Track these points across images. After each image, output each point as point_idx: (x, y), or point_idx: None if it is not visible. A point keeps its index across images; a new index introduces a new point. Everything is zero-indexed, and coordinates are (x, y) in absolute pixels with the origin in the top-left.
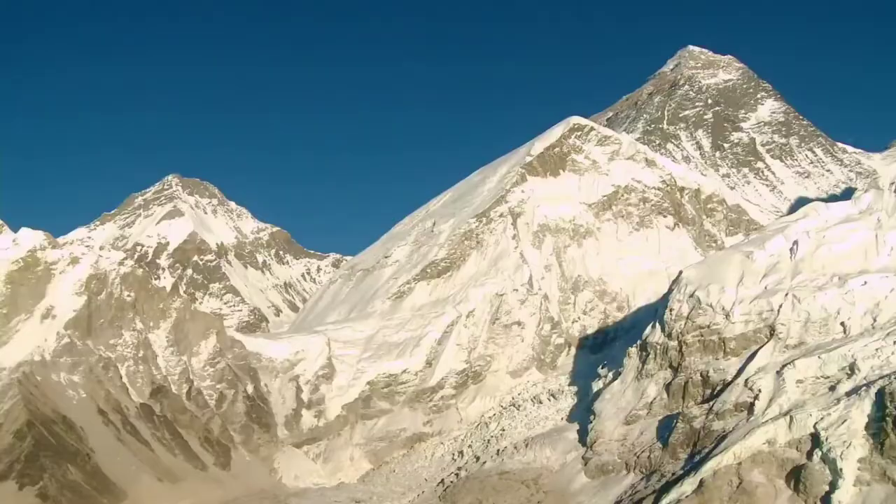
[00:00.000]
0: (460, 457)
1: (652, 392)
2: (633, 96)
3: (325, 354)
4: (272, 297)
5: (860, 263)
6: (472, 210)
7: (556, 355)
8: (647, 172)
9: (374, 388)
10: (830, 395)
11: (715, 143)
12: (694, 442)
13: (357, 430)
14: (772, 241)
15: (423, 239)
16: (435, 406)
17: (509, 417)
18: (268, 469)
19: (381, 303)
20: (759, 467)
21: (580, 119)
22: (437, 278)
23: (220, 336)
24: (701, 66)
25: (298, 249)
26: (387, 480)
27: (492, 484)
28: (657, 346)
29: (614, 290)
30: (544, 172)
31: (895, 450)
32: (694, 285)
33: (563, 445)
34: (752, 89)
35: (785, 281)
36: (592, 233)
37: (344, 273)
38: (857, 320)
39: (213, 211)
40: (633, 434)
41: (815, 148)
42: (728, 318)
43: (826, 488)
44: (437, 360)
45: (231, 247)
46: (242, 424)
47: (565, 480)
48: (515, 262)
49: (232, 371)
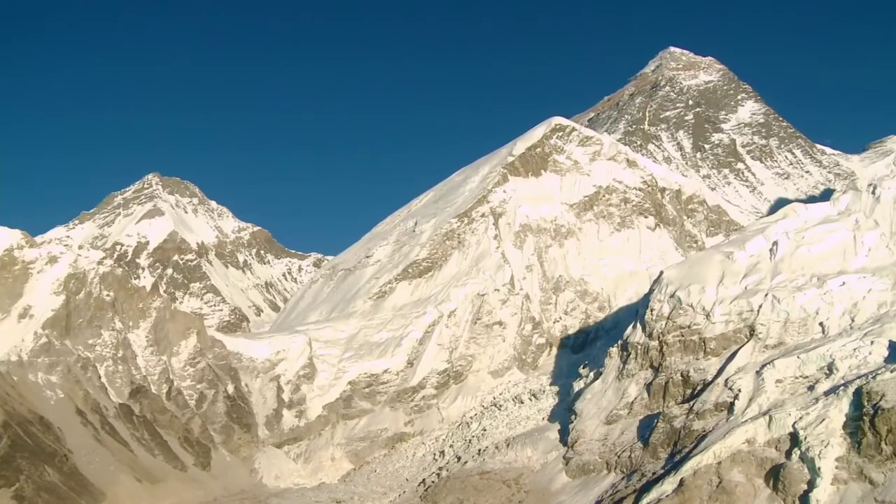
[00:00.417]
0: (441, 457)
1: (633, 392)
2: (615, 97)
3: (307, 354)
4: (253, 297)
5: (839, 264)
6: (453, 210)
7: (537, 355)
8: (629, 173)
9: (355, 387)
10: (809, 394)
11: (696, 143)
12: (674, 441)
13: (338, 429)
14: (752, 241)
15: (405, 239)
16: (416, 406)
17: (490, 417)
18: (248, 469)
19: (362, 302)
20: (738, 466)
21: (562, 119)
22: (418, 278)
23: (200, 336)
24: (682, 68)
25: (279, 249)
26: (368, 480)
27: (473, 484)
28: (638, 346)
29: (595, 290)
30: (526, 172)
31: (872, 448)
32: (674, 285)
33: (545, 445)
34: (732, 91)
35: (765, 281)
36: (574, 233)
37: (325, 273)
38: (836, 320)
39: (193, 210)
40: (613, 434)
41: (795, 149)
42: (708, 318)
43: (804, 487)
44: (418, 360)
45: (212, 246)
46: (223, 424)
47: (546, 480)
48: (497, 262)
49: (212, 371)
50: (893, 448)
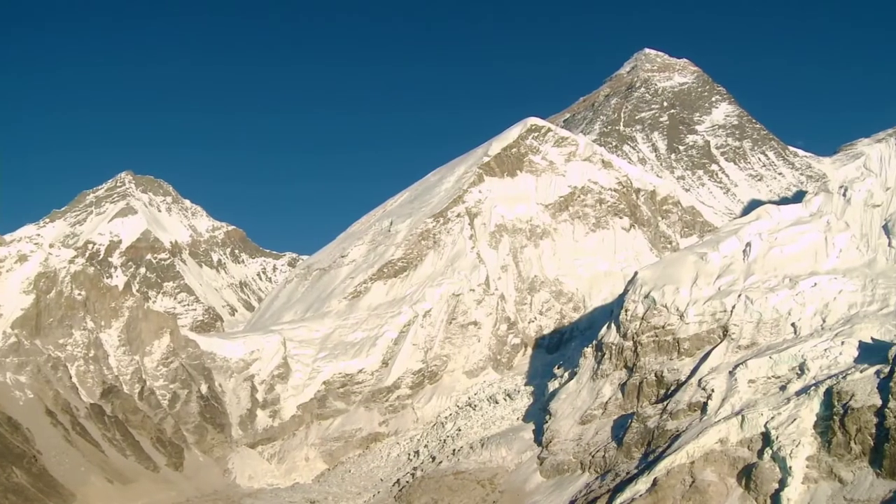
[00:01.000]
0: (416, 457)
1: (607, 392)
2: (590, 98)
3: (281, 354)
4: (227, 297)
5: (810, 265)
6: (429, 210)
7: (512, 355)
8: (604, 174)
9: (329, 387)
10: (781, 394)
11: (670, 145)
12: (648, 441)
13: (312, 430)
14: (725, 242)
15: (380, 238)
16: (391, 406)
17: (465, 417)
18: (221, 469)
19: (337, 302)
20: (711, 466)
21: (537, 120)
22: (393, 278)
23: (173, 335)
24: (657, 69)
25: (254, 248)
26: (342, 480)
27: (447, 484)
28: (612, 347)
29: (570, 290)
30: (501, 173)
31: (842, 448)
32: (649, 286)
33: (519, 445)
34: (706, 93)
35: (738, 282)
36: (549, 233)
37: (300, 272)
38: (807, 321)
39: (167, 209)
40: (588, 433)
41: (768, 151)
42: (682, 318)
43: (776, 486)
44: (393, 360)
45: (185, 245)
46: (196, 425)
47: (521, 480)
48: (472, 263)
49: (186, 371)
50: (862, 447)
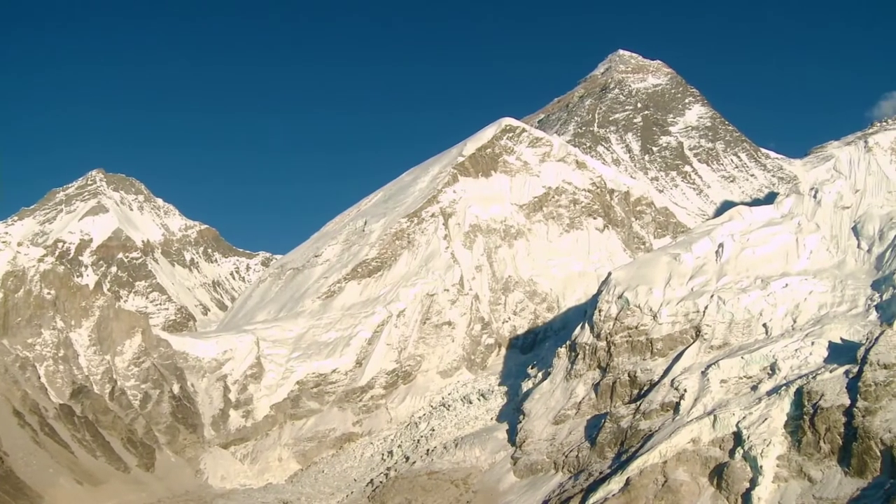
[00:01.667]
0: (390, 457)
1: (580, 392)
2: (565, 99)
3: (254, 354)
4: (200, 296)
5: (781, 266)
6: (403, 210)
7: (486, 355)
8: (578, 174)
9: (303, 387)
10: (752, 394)
11: (644, 146)
12: (621, 441)
13: (286, 430)
14: (698, 243)
15: (354, 238)
16: (365, 406)
17: (439, 417)
18: (193, 470)
19: (311, 302)
20: (683, 465)
21: (512, 120)
22: (367, 278)
23: (145, 335)
24: (631, 71)
25: (227, 247)
26: (315, 481)
27: (421, 484)
28: (586, 347)
29: (544, 290)
30: (476, 173)
31: (811, 447)
32: (622, 286)
33: (493, 445)
34: (680, 94)
35: (710, 283)
36: (523, 234)
37: (273, 272)
38: (779, 321)
39: (139, 207)
40: (561, 433)
41: (740, 153)
42: (655, 319)
43: (747, 485)
44: (367, 360)
45: (158, 244)
46: (168, 425)
47: (494, 480)
48: (446, 263)
49: (157, 370)
50: (831, 446)
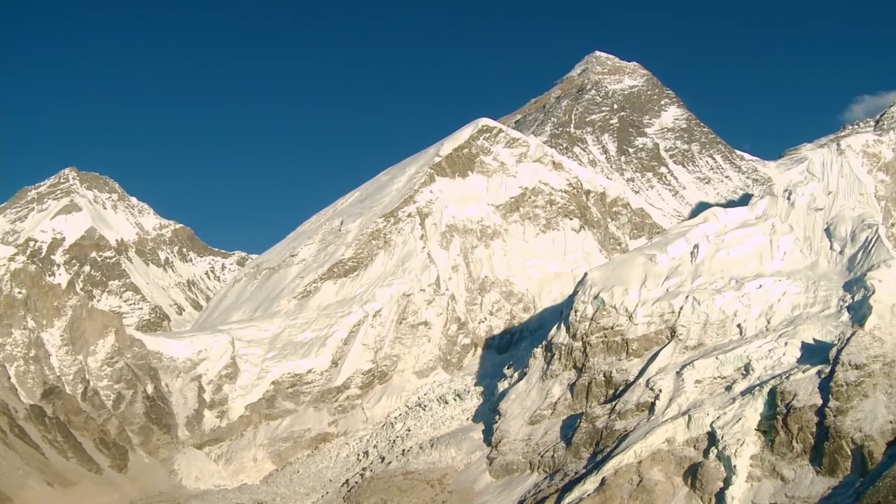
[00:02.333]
0: (365, 457)
1: (556, 392)
2: (541, 99)
3: (229, 354)
4: (174, 296)
5: (755, 267)
6: (379, 210)
7: (462, 355)
8: (554, 175)
9: (278, 387)
10: (726, 394)
11: (620, 147)
12: (596, 441)
13: (261, 430)
14: (673, 244)
15: (331, 238)
16: (340, 406)
17: (415, 417)
18: (167, 471)
19: (286, 302)
20: (658, 465)
21: (489, 121)
22: (343, 277)
23: (118, 335)
24: (607, 72)
25: (202, 247)
26: (290, 481)
27: (396, 484)
28: (562, 347)
29: (521, 290)
30: (452, 173)
31: (784, 447)
32: (598, 287)
33: (469, 445)
34: (656, 96)
35: (686, 283)
36: (500, 234)
37: (249, 271)
38: (753, 322)
39: (112, 206)
40: (537, 434)
41: (715, 155)
42: (631, 319)
43: (720, 485)
44: (343, 360)
45: (132, 243)
46: (141, 425)
47: (470, 480)
48: (423, 263)
49: (131, 371)
50: (804, 446)
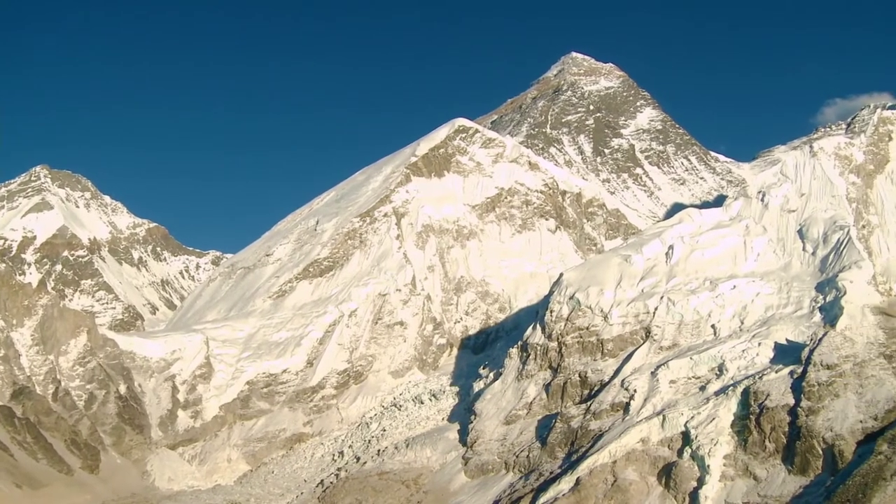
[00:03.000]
0: (340, 457)
1: (532, 392)
2: (518, 100)
3: (203, 353)
4: (148, 295)
5: (730, 268)
6: (355, 209)
7: (438, 355)
8: (530, 175)
9: (253, 387)
10: (700, 394)
11: (596, 148)
12: (571, 441)
13: (235, 430)
14: (649, 245)
15: (306, 237)
16: (315, 406)
17: (390, 417)
18: (140, 472)
19: (261, 301)
20: (632, 465)
21: (465, 121)
22: (319, 277)
23: (91, 334)
24: (583, 73)
25: (176, 246)
26: (265, 482)
27: (371, 484)
28: (537, 347)
29: (496, 291)
30: (429, 173)
31: (757, 446)
32: (574, 287)
33: (444, 445)
34: (631, 97)
35: (660, 284)
36: (476, 234)
37: (224, 271)
38: (727, 323)
39: (85, 205)
40: (512, 434)
41: (690, 156)
42: (606, 319)
43: (694, 484)
44: (318, 360)
45: (105, 242)
46: (113, 426)
47: (445, 480)
48: (399, 262)
49: (103, 370)
50: (776, 445)
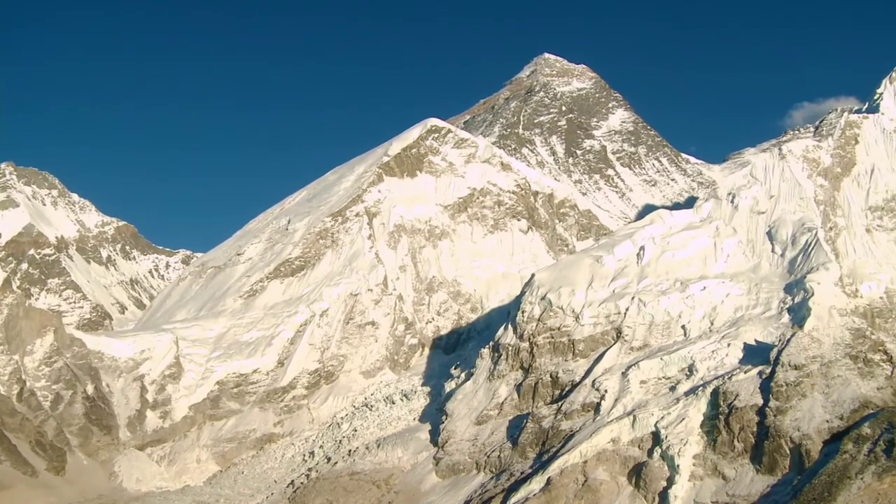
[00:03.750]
0: (311, 458)
1: (503, 392)
2: (490, 100)
3: (173, 353)
4: (117, 294)
5: (700, 269)
6: (327, 209)
7: (409, 356)
8: (503, 176)
9: (223, 387)
10: (671, 395)
11: (568, 149)
12: (543, 441)
13: (205, 430)
14: (620, 246)
15: (278, 237)
16: (286, 406)
17: (361, 418)
18: (107, 473)
19: (232, 301)
20: (603, 465)
21: (438, 121)
22: (290, 277)
23: (57, 334)
24: (556, 74)
25: (146, 245)
26: (235, 482)
27: (342, 485)
28: (509, 348)
29: (468, 291)
30: (401, 173)
31: (726, 446)
32: (545, 288)
33: (415, 445)
34: (603, 99)
35: (631, 285)
36: (448, 234)
37: (194, 270)
38: (697, 323)
39: (52, 202)
40: (483, 434)
41: (661, 157)
42: (577, 320)
43: (664, 484)
44: (289, 360)
45: (72, 240)
46: (80, 426)
47: (416, 480)
48: (370, 262)
49: (70, 371)
50: (745, 445)
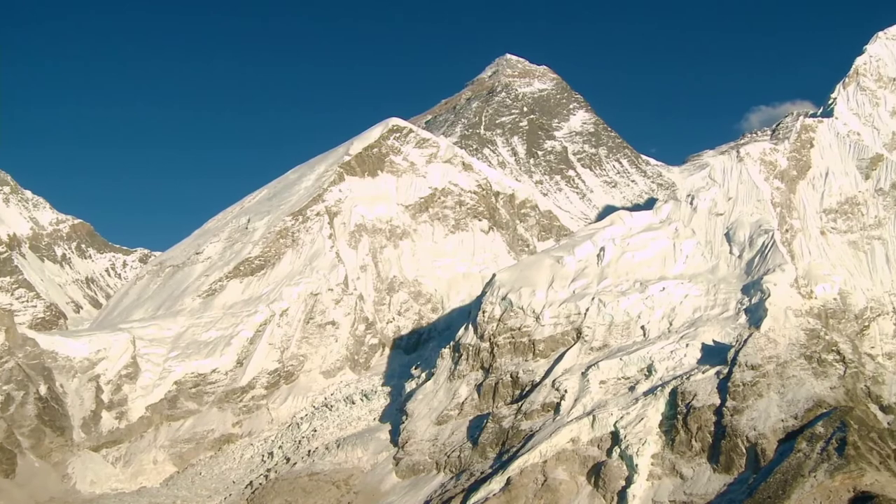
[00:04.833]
0: (270, 458)
1: (463, 392)
2: (452, 100)
3: (130, 353)
4: (72, 293)
5: (659, 270)
6: (288, 208)
7: (370, 355)
8: (464, 176)
9: (181, 387)
10: (630, 395)
11: (529, 150)
12: (503, 441)
13: (162, 431)
14: (581, 246)
15: (237, 236)
16: (245, 406)
17: (321, 418)
18: (60, 475)
19: (191, 300)
20: (562, 465)
21: (399, 121)
22: (250, 276)
23: (9, 333)
24: (518, 75)
25: (102, 243)
26: (192, 483)
27: (301, 485)
28: (469, 348)
29: (429, 291)
30: (362, 172)
31: (683, 445)
32: (506, 288)
33: (375, 446)
34: (565, 100)
35: (592, 286)
36: (409, 234)
37: (152, 269)
38: (656, 324)
39: (4, 199)
40: (444, 434)
41: (622, 159)
42: (538, 320)
43: (623, 483)
44: (248, 360)
45: (25, 238)
46: (32, 428)
47: (376, 481)
48: (331, 262)
49: (22, 371)
50: (702, 444)
